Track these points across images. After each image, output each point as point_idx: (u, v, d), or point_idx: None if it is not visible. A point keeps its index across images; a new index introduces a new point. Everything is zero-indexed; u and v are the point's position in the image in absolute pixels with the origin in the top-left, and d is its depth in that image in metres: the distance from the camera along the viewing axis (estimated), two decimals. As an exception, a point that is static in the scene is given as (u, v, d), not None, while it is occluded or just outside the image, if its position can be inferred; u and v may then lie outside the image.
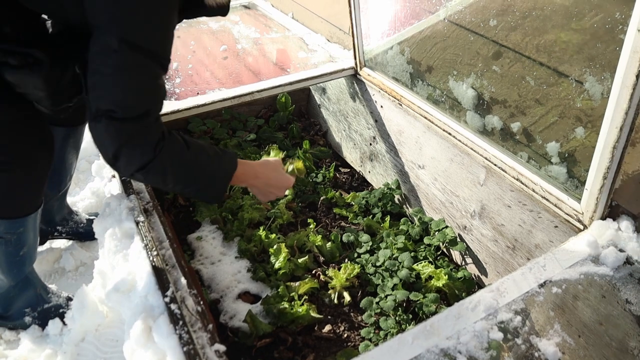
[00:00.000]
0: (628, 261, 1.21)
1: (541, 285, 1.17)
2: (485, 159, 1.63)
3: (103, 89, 1.18)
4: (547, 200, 1.43)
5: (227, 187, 1.43)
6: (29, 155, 1.49)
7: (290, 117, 2.56)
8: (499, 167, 1.58)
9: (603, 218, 1.30)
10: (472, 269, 1.81)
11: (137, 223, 1.46)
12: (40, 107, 1.49)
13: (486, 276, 1.76)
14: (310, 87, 2.55)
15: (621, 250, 1.22)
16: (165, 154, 1.30)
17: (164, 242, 1.41)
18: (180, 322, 1.18)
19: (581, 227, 1.34)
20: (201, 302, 1.27)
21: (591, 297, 1.16)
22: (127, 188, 1.58)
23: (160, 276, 1.31)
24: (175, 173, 1.33)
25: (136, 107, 1.22)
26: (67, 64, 1.39)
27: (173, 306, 1.22)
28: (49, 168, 1.59)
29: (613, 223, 1.28)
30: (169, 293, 1.25)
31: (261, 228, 1.87)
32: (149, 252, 1.37)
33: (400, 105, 1.99)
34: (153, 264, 1.34)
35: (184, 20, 1.46)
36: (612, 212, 1.29)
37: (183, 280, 1.29)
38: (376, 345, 1.52)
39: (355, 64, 2.22)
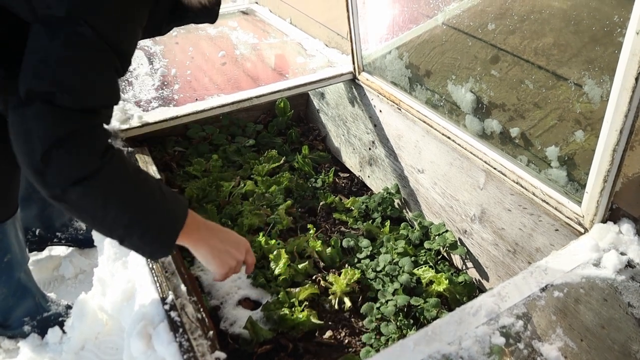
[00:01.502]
0: (629, 264, 1.20)
1: (543, 289, 1.16)
2: (485, 162, 1.63)
3: (44, 67, 0.97)
4: (547, 203, 1.43)
5: (176, 239, 1.14)
6: None
7: (289, 122, 2.56)
8: (499, 171, 1.58)
9: (604, 221, 1.30)
10: (472, 273, 1.81)
11: (136, 230, 1.46)
12: None
13: (487, 280, 1.76)
14: (309, 92, 2.56)
15: (622, 254, 1.22)
16: (116, 166, 1.05)
17: (164, 249, 1.40)
18: (181, 330, 1.17)
19: (582, 230, 1.34)
20: (201, 309, 1.26)
21: (593, 301, 1.15)
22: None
23: (160, 283, 1.30)
24: (122, 199, 1.05)
25: (85, 97, 1.00)
26: None
27: (173, 314, 1.21)
28: (14, 177, 1.53)
29: (614, 226, 1.27)
30: (168, 300, 1.25)
31: (261, 234, 1.87)
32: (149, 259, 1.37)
33: (399, 109, 1.99)
34: (153, 271, 1.34)
35: (182, 27, 1.41)
36: (612, 215, 1.29)
37: (183, 287, 1.29)
38: (377, 351, 1.52)
39: (354, 68, 2.22)
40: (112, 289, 1.44)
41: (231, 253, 1.25)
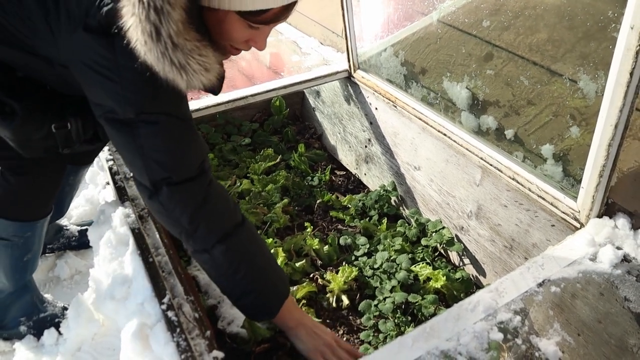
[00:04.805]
0: (625, 259, 1.21)
1: (540, 285, 1.16)
2: (481, 159, 1.63)
3: (147, 161, 1.14)
4: (543, 199, 1.43)
5: (280, 307, 1.32)
6: (42, 163, 1.50)
7: (284, 120, 2.56)
8: (495, 167, 1.58)
9: (599, 216, 1.30)
10: (470, 270, 1.81)
11: (133, 230, 1.45)
12: None
13: (484, 276, 1.76)
14: (304, 90, 2.55)
15: (618, 248, 1.22)
16: (250, 226, 1.28)
17: (160, 249, 1.40)
18: (178, 330, 1.17)
19: (578, 225, 1.34)
20: (198, 309, 1.26)
21: (589, 296, 1.15)
22: (121, 195, 1.57)
23: (157, 283, 1.30)
24: (251, 258, 1.27)
25: (192, 163, 1.18)
26: (43, 121, 1.30)
27: (170, 313, 1.21)
28: (60, 178, 1.62)
29: (610, 221, 1.28)
30: (165, 300, 1.24)
31: (258, 232, 1.86)
32: (145, 259, 1.37)
33: (395, 107, 1.99)
34: (149, 270, 1.33)
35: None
36: (608, 210, 1.29)
37: (180, 287, 1.29)
38: (376, 348, 1.52)
39: (349, 66, 2.22)
40: (109, 290, 1.43)
41: (321, 337, 1.35)
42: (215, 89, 1.14)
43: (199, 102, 2.07)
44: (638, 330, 1.09)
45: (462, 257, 1.84)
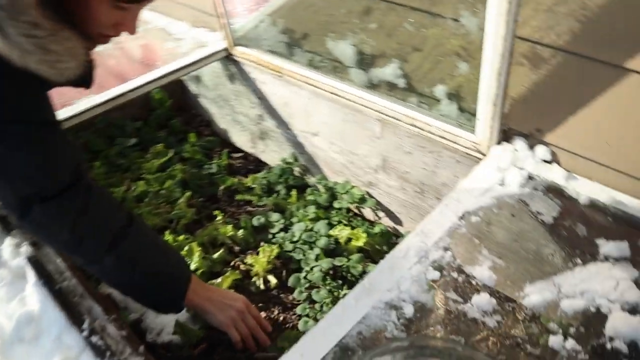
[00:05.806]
0: (530, 177, 1.29)
1: (461, 218, 1.21)
2: (378, 112, 1.64)
3: (10, 178, 1.01)
4: (444, 138, 1.48)
5: (185, 295, 1.28)
6: None
7: (169, 113, 2.42)
8: (393, 117, 1.61)
9: (499, 143, 1.37)
10: (387, 222, 1.85)
11: (29, 259, 1.30)
12: None
13: (401, 225, 1.81)
14: (183, 78, 2.42)
15: (522, 169, 1.30)
16: (138, 222, 1.21)
17: (65, 273, 1.27)
18: (108, 353, 1.07)
19: (481, 156, 1.40)
20: (123, 326, 1.16)
21: (503, 219, 1.22)
22: (6, 224, 1.39)
23: (71, 310, 1.18)
24: (145, 257, 1.22)
25: (61, 173, 1.06)
26: None
27: (94, 338, 1.11)
28: None
29: (509, 146, 1.35)
30: (85, 326, 1.14)
31: (166, 232, 1.76)
32: (51, 288, 1.23)
33: (281, 77, 1.95)
34: (58, 299, 1.20)
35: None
36: (506, 136, 1.36)
37: (97, 308, 1.18)
38: (315, 319, 1.50)
39: (227, 44, 2.13)
40: (14, 333, 1.27)
41: (232, 305, 1.34)
42: (84, 81, 1.04)
43: (72, 108, 1.88)
44: (550, 240, 1.17)
45: (377, 211, 1.88)
